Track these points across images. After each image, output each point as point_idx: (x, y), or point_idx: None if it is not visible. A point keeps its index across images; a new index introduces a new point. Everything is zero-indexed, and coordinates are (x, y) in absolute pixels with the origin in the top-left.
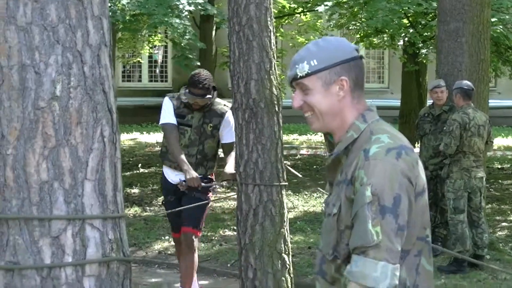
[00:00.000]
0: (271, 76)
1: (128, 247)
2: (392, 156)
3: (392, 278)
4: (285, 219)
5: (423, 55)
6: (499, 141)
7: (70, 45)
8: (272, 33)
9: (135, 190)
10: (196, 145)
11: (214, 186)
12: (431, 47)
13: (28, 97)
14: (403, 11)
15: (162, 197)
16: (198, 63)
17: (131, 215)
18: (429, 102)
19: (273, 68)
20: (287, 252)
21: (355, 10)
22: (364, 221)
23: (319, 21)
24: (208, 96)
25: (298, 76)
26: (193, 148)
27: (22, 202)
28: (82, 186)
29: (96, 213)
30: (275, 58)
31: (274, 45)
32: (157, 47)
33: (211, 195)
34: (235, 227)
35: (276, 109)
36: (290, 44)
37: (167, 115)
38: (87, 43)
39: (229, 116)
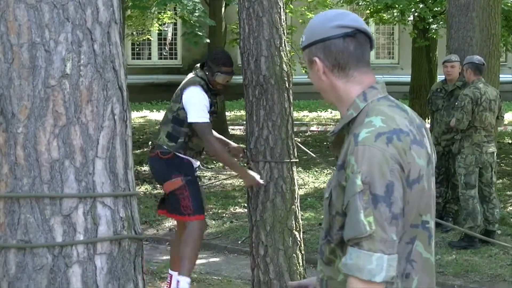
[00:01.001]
0: (281, 53)
1: (140, 225)
2: (382, 141)
3: (388, 270)
4: (296, 196)
5: (433, 30)
6: (510, 116)
7: (80, 22)
8: (282, 9)
9: (146, 168)
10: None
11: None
12: (441, 22)
13: (38, 76)
14: None
15: (188, 177)
16: (208, 40)
17: (142, 193)
18: (439, 77)
19: (283, 45)
20: (298, 229)
21: None
22: (356, 212)
23: None
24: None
25: (302, 47)
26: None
27: (33, 180)
28: (93, 164)
29: (107, 191)
30: (285, 34)
31: (284, 22)
32: (166, 24)
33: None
34: (245, 204)
35: (287, 85)
36: (300, 21)
37: (204, 112)
38: (97, 20)
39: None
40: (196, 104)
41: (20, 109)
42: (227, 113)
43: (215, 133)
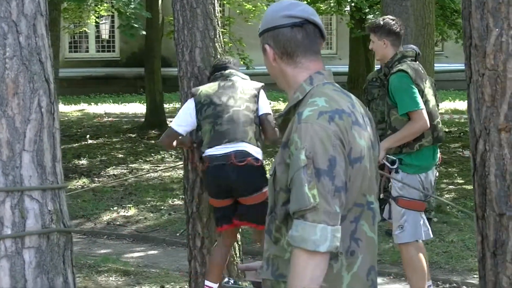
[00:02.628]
0: (216, 44)
1: (69, 218)
2: (323, 119)
3: (332, 240)
4: None
5: (370, 20)
6: (446, 105)
7: (5, 15)
8: (216, 0)
9: (83, 162)
10: None
11: None
12: (377, 12)
13: None
14: None
15: None
16: (144, 32)
17: (80, 186)
18: (377, 67)
19: (217, 36)
20: None
21: None
22: (300, 185)
23: None
24: None
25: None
26: None
27: None
28: (20, 157)
29: (35, 185)
30: (220, 25)
31: (218, 12)
32: (103, 17)
33: None
34: (183, 196)
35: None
36: (238, 11)
37: None
38: (22, 12)
39: None
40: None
41: None
42: (165, 106)
43: None
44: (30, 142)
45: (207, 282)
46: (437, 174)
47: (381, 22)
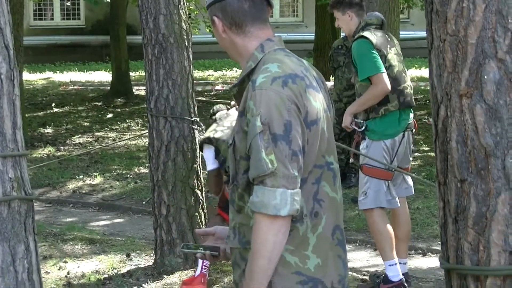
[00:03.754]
0: (180, 11)
1: (30, 185)
2: (277, 84)
3: (292, 204)
4: (197, 155)
5: None
6: (412, 72)
7: None
8: None
9: (49, 130)
10: None
11: None
12: None
13: None
14: None
15: None
16: (108, 0)
17: (45, 155)
18: (342, 34)
19: (182, 3)
20: (200, 188)
21: None
22: (258, 151)
23: None
24: None
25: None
26: None
27: None
28: None
29: None
30: None
31: None
32: None
33: None
34: (149, 165)
35: (186, 44)
36: None
37: None
38: None
39: None
40: None
41: None
42: (131, 74)
43: None
44: None
45: None
46: (411, 141)
47: None
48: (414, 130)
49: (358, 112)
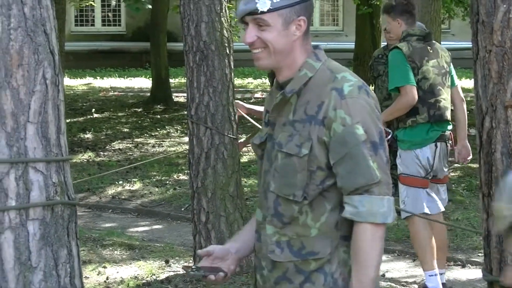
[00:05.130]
0: (222, 18)
1: (73, 190)
2: (363, 93)
3: (394, 211)
4: (237, 162)
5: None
6: None
7: None
8: None
9: (89, 136)
10: None
11: None
12: None
13: None
14: None
15: None
16: (150, 6)
17: (85, 160)
18: (383, 43)
19: (223, 10)
20: (239, 195)
21: None
22: (364, 159)
23: None
24: None
25: (259, 11)
26: None
27: None
28: (25, 129)
29: (39, 156)
30: (226, 0)
31: None
32: None
33: None
34: (188, 171)
35: (227, 51)
36: None
37: None
38: None
39: None
40: None
41: None
42: (171, 80)
43: None
44: (34, 113)
45: None
46: (447, 152)
47: (394, 2)
48: (451, 142)
49: (389, 121)
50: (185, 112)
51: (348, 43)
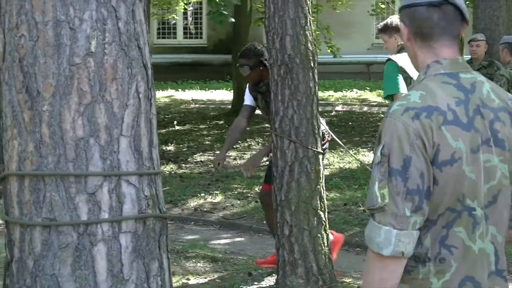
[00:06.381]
0: (306, 32)
1: (164, 203)
2: (408, 116)
3: (396, 245)
4: (321, 176)
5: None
6: None
7: (105, 0)
8: None
9: (171, 148)
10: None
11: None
12: (467, 2)
13: (63, 53)
14: None
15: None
16: (233, 20)
17: (167, 172)
18: (466, 57)
19: (308, 24)
20: (323, 209)
21: None
22: (372, 183)
23: None
24: (245, 66)
25: None
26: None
27: (58, 158)
28: (118, 142)
29: (131, 170)
30: (310, 13)
31: (309, 0)
32: (191, 3)
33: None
34: None
35: (312, 64)
36: None
37: (245, 96)
38: None
39: None
40: None
41: (45, 87)
42: None
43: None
44: (127, 127)
45: None
46: None
47: (388, 22)
48: None
49: None
50: (266, 125)
51: None
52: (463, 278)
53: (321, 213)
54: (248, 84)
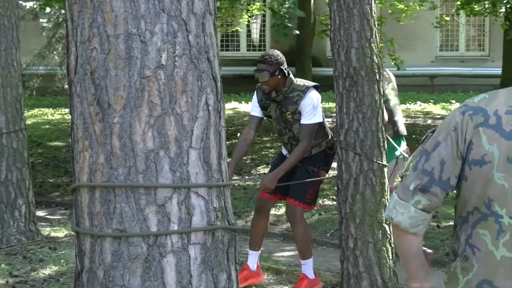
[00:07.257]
0: (372, 44)
1: (233, 215)
2: (460, 109)
3: (391, 210)
4: (386, 188)
5: None
6: None
7: (175, 13)
8: (372, 0)
9: None
10: (284, 133)
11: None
12: None
13: (134, 66)
14: None
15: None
16: (297, 32)
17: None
18: None
19: (374, 36)
20: (387, 222)
21: None
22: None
23: None
24: (265, 71)
25: None
26: (284, 137)
27: (129, 170)
28: (187, 154)
29: (201, 182)
30: (376, 26)
31: (374, 13)
32: (255, 16)
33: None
34: (334, 197)
35: (377, 77)
36: (389, 11)
37: (252, 106)
38: (192, 11)
39: (305, 100)
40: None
41: (116, 99)
42: None
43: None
44: (197, 139)
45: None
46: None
47: None
48: (407, 155)
49: None
50: (334, 138)
51: (494, 69)
52: (481, 280)
53: (386, 226)
54: (256, 94)
